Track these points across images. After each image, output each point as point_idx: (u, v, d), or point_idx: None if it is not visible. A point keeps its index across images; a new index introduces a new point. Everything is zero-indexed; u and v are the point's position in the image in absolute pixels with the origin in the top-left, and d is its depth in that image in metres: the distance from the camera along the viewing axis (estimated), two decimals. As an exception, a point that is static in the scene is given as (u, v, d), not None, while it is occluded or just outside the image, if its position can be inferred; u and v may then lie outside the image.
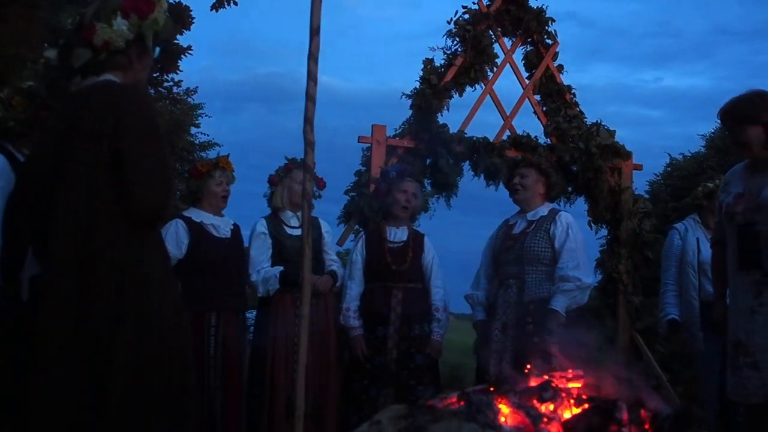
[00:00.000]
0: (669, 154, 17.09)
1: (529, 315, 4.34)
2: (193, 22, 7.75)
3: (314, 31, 3.00)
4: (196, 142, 15.82)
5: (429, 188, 5.83)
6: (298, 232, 4.50)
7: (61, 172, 2.42)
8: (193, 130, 15.72)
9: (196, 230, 4.50)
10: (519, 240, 4.54)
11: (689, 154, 16.69)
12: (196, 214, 4.59)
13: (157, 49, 2.80)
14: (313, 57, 3.01)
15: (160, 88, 12.98)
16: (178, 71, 11.04)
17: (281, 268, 4.62)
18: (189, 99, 15.16)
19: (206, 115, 16.15)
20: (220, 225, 4.62)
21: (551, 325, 4.22)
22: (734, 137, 3.58)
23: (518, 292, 4.43)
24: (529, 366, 3.02)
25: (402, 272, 4.73)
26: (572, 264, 4.34)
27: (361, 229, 5.50)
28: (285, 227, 4.77)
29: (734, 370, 3.44)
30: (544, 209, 4.60)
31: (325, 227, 4.97)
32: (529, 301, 4.37)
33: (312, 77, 3.01)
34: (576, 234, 4.47)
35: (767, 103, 3.51)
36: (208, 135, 16.19)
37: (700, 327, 4.81)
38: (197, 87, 15.11)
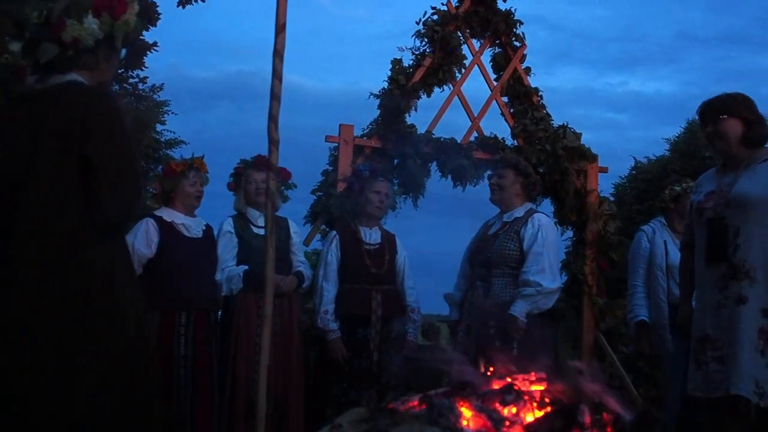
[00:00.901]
0: (634, 158, 17.36)
1: (492, 318, 4.29)
2: (160, 18, 7.63)
3: (280, 28, 2.96)
4: (162, 139, 15.64)
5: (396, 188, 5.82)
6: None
7: (30, 172, 2.39)
8: (159, 127, 15.54)
9: (167, 229, 4.45)
10: (489, 242, 4.50)
11: (654, 158, 16.93)
12: (168, 214, 4.53)
13: (124, 51, 2.78)
14: (278, 54, 2.97)
15: (124, 85, 12.80)
16: (143, 68, 10.90)
17: (245, 267, 4.58)
18: (155, 96, 14.98)
19: (172, 113, 15.98)
20: (191, 225, 4.57)
21: (511, 331, 4.20)
22: (713, 129, 3.61)
23: (484, 294, 4.39)
24: (491, 369, 3.00)
25: (381, 275, 4.73)
26: (535, 268, 4.27)
27: (328, 229, 5.47)
28: (252, 227, 4.73)
29: (699, 365, 3.47)
30: (520, 210, 4.53)
31: (293, 228, 4.95)
32: (492, 305, 4.32)
33: (277, 75, 2.98)
34: (546, 237, 4.37)
35: (747, 104, 3.60)
36: (174, 132, 16.03)
37: (669, 329, 4.81)
38: (163, 84, 14.89)
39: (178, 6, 4.58)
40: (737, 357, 3.33)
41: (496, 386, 2.71)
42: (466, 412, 2.55)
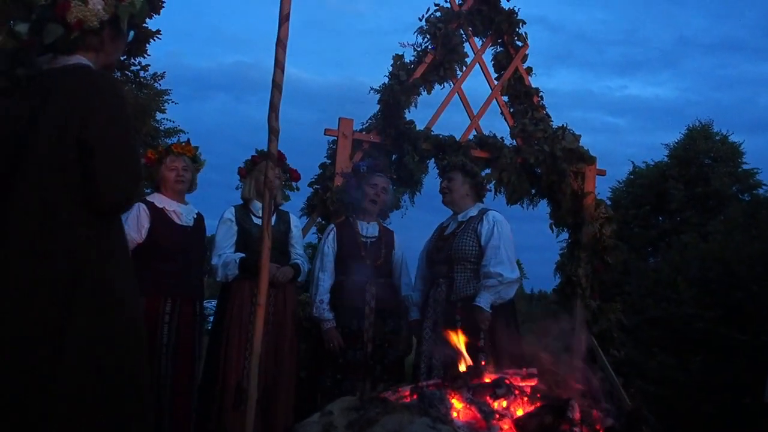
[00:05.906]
0: (632, 162, 17.27)
1: (457, 313, 4.45)
2: (164, 7, 7.58)
3: (284, 18, 2.98)
4: (162, 128, 15.64)
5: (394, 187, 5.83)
6: (266, 222, 4.47)
7: (24, 157, 2.36)
8: (159, 115, 15.54)
9: (158, 215, 4.45)
10: (449, 240, 4.67)
11: (652, 163, 16.89)
12: (159, 200, 4.54)
13: (132, 33, 2.75)
14: (281, 44, 2.99)
15: (126, 72, 12.78)
16: (145, 55, 10.89)
17: (242, 255, 4.59)
18: (156, 84, 14.94)
19: (172, 102, 15.96)
20: (183, 212, 4.57)
21: (479, 322, 4.34)
22: None
23: (447, 290, 4.56)
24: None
25: (376, 267, 4.77)
26: (495, 260, 4.47)
27: (324, 222, 5.48)
28: (252, 216, 4.74)
29: None
30: (473, 210, 4.74)
31: (294, 222, 4.95)
32: (456, 300, 4.50)
33: (279, 65, 2.99)
34: (502, 232, 4.57)
35: None
36: (173, 121, 16.02)
37: None
38: (164, 72, 14.84)
39: (181, -6, 4.62)
40: None
41: (487, 379, 2.73)
42: (457, 404, 2.56)
